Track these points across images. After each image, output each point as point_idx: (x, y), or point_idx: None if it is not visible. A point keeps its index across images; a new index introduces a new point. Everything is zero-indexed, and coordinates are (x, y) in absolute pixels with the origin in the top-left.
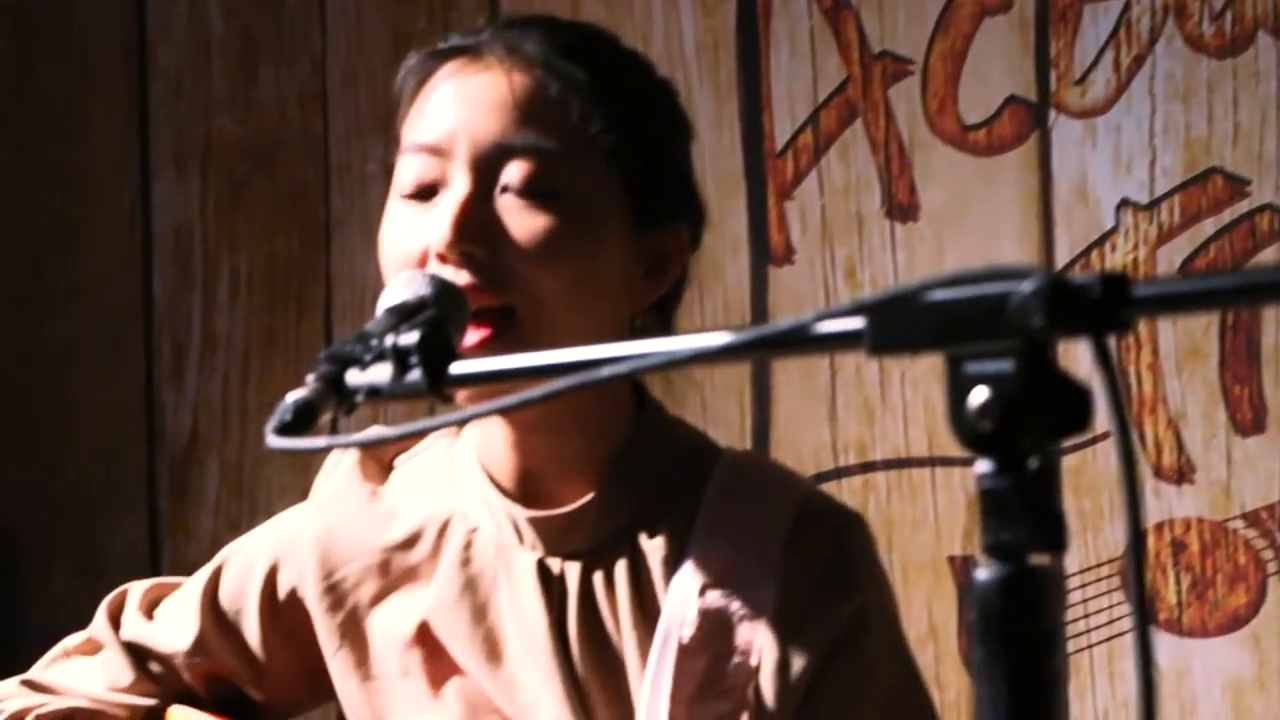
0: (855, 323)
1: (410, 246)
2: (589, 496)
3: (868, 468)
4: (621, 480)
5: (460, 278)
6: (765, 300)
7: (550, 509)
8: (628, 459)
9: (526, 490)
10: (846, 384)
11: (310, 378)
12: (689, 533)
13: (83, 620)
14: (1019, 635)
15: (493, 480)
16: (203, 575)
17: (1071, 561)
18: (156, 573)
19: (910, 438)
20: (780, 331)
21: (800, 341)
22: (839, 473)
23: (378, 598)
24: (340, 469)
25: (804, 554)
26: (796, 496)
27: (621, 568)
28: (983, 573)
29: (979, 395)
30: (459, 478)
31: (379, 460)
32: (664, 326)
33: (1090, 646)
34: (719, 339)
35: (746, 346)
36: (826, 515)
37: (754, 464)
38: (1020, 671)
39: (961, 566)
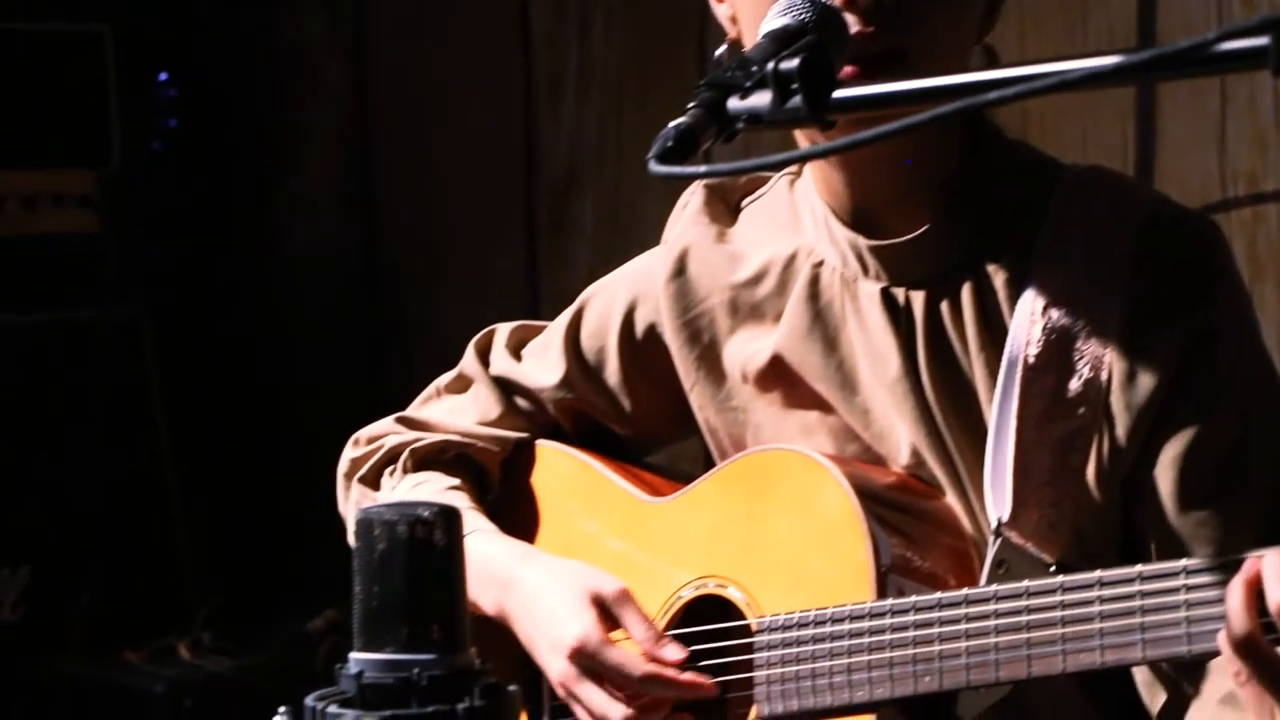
0: (1259, 41)
1: None
2: (929, 224)
3: (1258, 199)
4: (961, 205)
5: (863, 22)
6: (1153, 23)
7: (892, 239)
8: (966, 184)
9: (868, 222)
10: (1238, 112)
11: (691, 105)
12: (1032, 252)
13: (465, 349)
14: None
15: (835, 214)
16: (564, 318)
17: None
18: (535, 302)
19: None
20: (1178, 50)
21: (1197, 62)
22: (1226, 204)
23: (731, 332)
24: (688, 211)
25: (1151, 263)
26: (1143, 205)
27: (966, 293)
28: None
29: None
30: (801, 215)
31: (725, 202)
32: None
33: None
34: (1111, 60)
35: (1140, 68)
36: (1175, 222)
37: (1097, 178)
38: None
39: None
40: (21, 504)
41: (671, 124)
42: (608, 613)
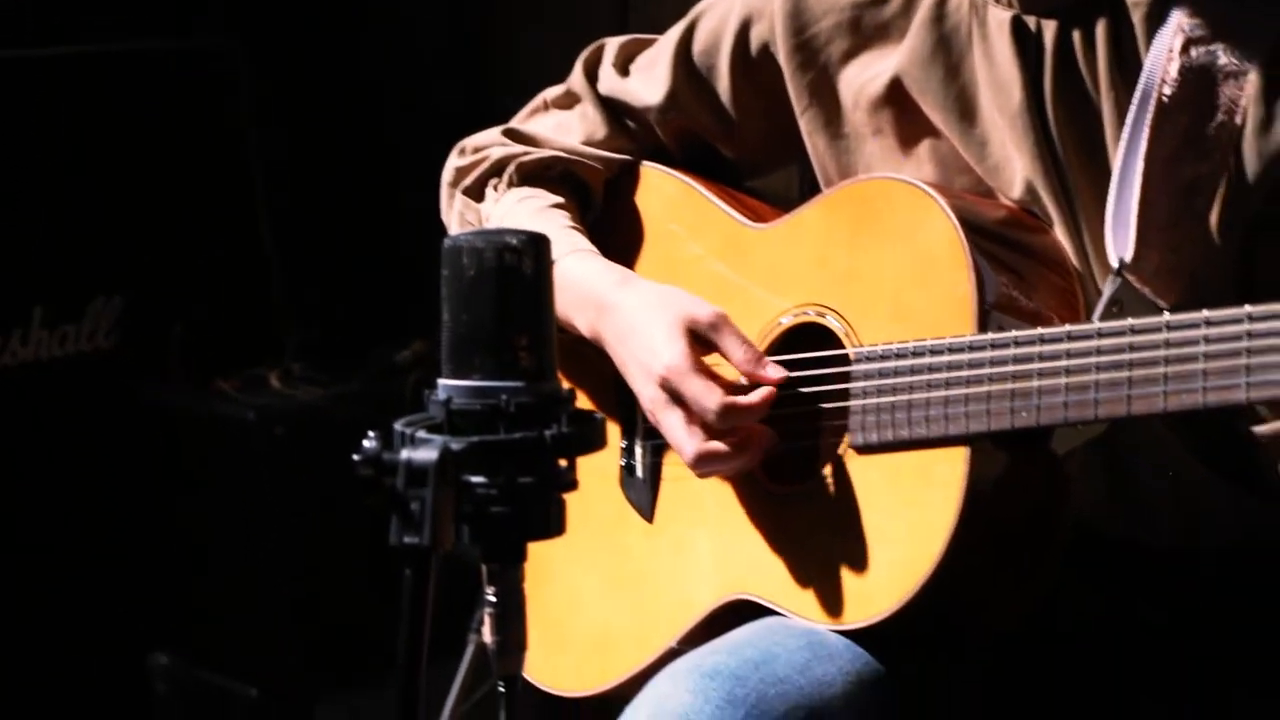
0: None
1: None
2: None
3: None
4: None
5: None
6: None
7: None
8: None
9: None
10: None
11: None
12: None
13: (561, 75)
14: None
15: None
16: (675, 32)
17: None
18: (625, 28)
19: None
20: None
21: None
22: None
23: (848, 55)
24: None
25: None
26: None
27: (1101, 26)
28: None
29: None
30: None
31: None
32: None
33: None
34: None
35: None
36: None
37: None
38: None
39: None
40: (114, 234)
41: None
42: (702, 340)
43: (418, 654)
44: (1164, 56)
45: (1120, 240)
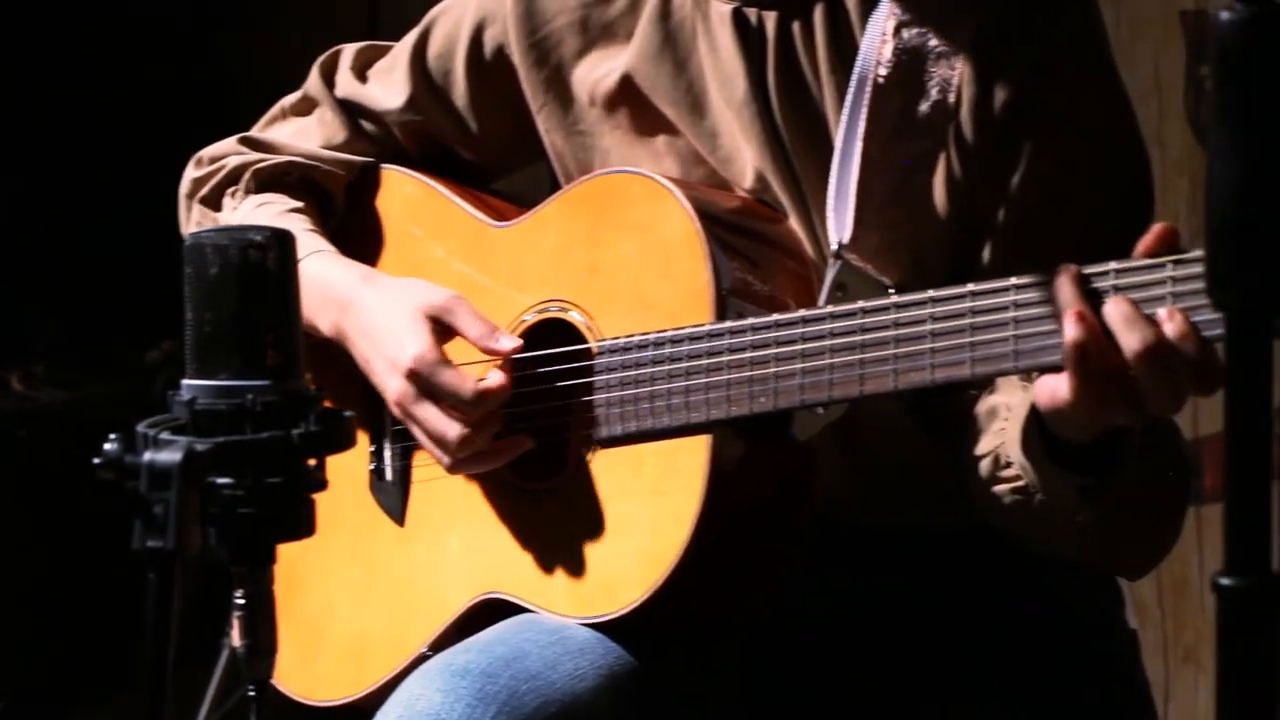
0: None
1: None
2: None
3: None
4: None
5: None
6: None
7: None
8: None
9: None
10: None
11: None
12: None
13: (306, 73)
14: (1260, 78)
15: None
16: (411, 37)
17: None
18: (374, 31)
19: None
20: None
21: None
22: None
23: (580, 53)
24: None
25: None
26: None
27: (819, 14)
28: (1226, 14)
29: None
30: None
31: None
32: None
33: None
34: None
35: None
36: None
37: None
38: (1259, 115)
39: (1193, 21)
40: None
41: None
42: (442, 326)
43: (163, 660)
44: (878, 40)
45: (840, 222)
